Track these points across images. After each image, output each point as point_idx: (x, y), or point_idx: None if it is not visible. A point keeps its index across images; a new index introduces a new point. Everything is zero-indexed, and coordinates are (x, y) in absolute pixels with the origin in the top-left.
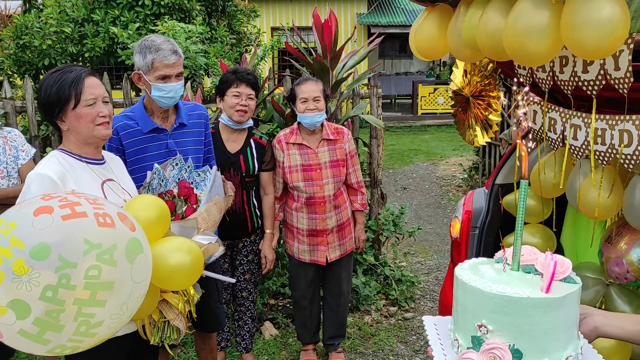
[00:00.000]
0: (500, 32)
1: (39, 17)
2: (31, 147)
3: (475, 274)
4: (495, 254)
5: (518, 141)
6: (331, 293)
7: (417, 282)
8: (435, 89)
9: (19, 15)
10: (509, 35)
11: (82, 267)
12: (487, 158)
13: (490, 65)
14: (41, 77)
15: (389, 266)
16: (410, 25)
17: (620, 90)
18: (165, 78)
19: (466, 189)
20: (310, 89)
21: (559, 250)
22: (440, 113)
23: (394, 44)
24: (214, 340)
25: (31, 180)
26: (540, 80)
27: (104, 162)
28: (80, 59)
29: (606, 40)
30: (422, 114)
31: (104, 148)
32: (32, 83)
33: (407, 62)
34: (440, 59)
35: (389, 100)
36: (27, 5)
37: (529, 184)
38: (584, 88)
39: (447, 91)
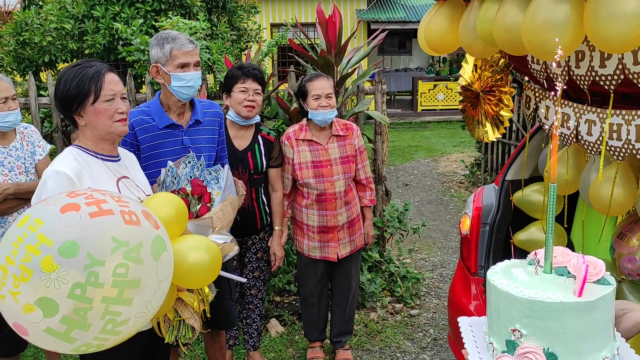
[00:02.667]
0: (518, 27)
1: (39, 13)
2: (46, 143)
3: (507, 277)
4: (528, 255)
5: (551, 145)
6: (340, 289)
7: (422, 279)
8: (435, 86)
9: (18, 11)
10: (527, 29)
11: (110, 265)
12: (490, 154)
13: (502, 60)
14: (41, 74)
15: (394, 263)
16: (410, 22)
17: None
18: (184, 66)
19: (468, 185)
20: (323, 85)
21: (569, 246)
22: (440, 109)
23: (394, 40)
24: (224, 338)
25: (47, 177)
26: (555, 76)
27: (119, 159)
28: (80, 55)
29: (631, 34)
30: (422, 110)
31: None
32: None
33: (406, 59)
34: (440, 55)
35: (388, 97)
36: (27, 2)
37: (542, 179)
38: (601, 83)
39: (447, 87)
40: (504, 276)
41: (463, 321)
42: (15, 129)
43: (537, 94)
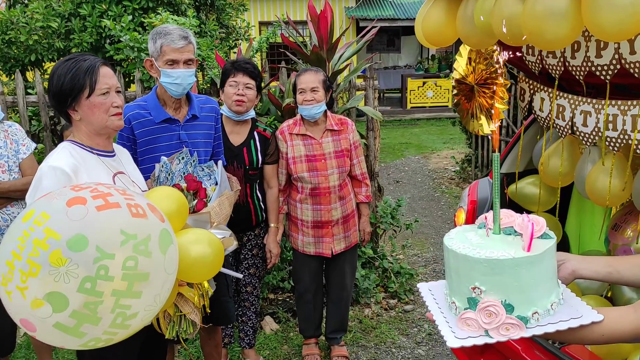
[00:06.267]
0: (517, 17)
1: (25, 12)
2: (31, 142)
3: (462, 242)
4: (477, 219)
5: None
6: (334, 286)
7: (416, 275)
8: (424, 83)
9: (3, 10)
10: (527, 19)
11: (119, 258)
12: (480, 150)
13: (496, 52)
14: (28, 73)
15: (387, 259)
16: (399, 19)
17: (636, 75)
18: (173, 63)
19: (459, 181)
20: (307, 79)
21: (564, 238)
22: (430, 106)
23: (382, 38)
24: (220, 335)
25: (43, 173)
26: (550, 67)
27: (114, 155)
28: (67, 54)
29: (628, 22)
30: (411, 107)
31: (114, 139)
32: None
33: (395, 56)
34: (428, 52)
35: (378, 94)
36: (12, 0)
37: (536, 172)
38: (597, 73)
39: (436, 84)
40: (460, 241)
41: (422, 286)
42: None
43: (531, 86)
